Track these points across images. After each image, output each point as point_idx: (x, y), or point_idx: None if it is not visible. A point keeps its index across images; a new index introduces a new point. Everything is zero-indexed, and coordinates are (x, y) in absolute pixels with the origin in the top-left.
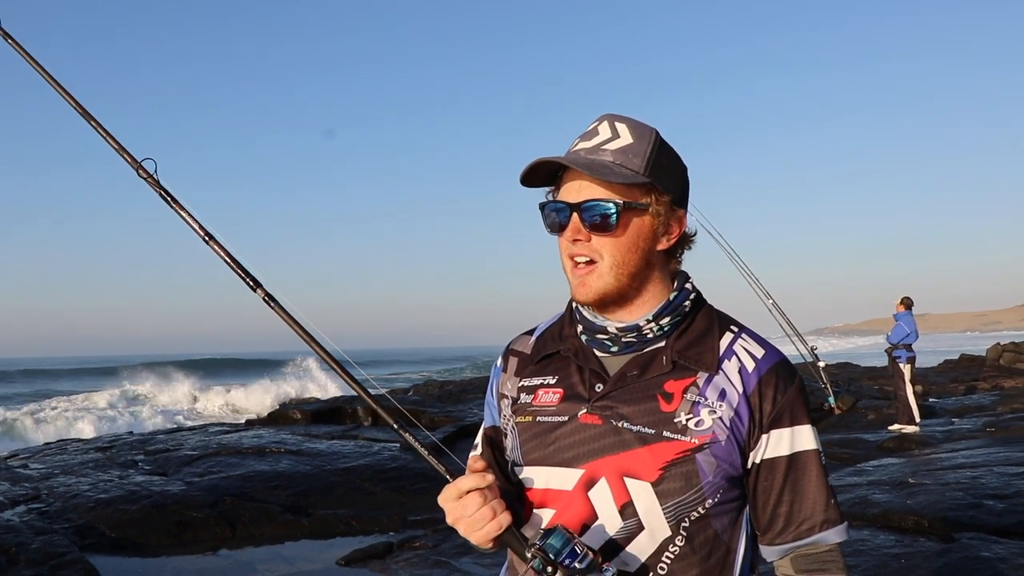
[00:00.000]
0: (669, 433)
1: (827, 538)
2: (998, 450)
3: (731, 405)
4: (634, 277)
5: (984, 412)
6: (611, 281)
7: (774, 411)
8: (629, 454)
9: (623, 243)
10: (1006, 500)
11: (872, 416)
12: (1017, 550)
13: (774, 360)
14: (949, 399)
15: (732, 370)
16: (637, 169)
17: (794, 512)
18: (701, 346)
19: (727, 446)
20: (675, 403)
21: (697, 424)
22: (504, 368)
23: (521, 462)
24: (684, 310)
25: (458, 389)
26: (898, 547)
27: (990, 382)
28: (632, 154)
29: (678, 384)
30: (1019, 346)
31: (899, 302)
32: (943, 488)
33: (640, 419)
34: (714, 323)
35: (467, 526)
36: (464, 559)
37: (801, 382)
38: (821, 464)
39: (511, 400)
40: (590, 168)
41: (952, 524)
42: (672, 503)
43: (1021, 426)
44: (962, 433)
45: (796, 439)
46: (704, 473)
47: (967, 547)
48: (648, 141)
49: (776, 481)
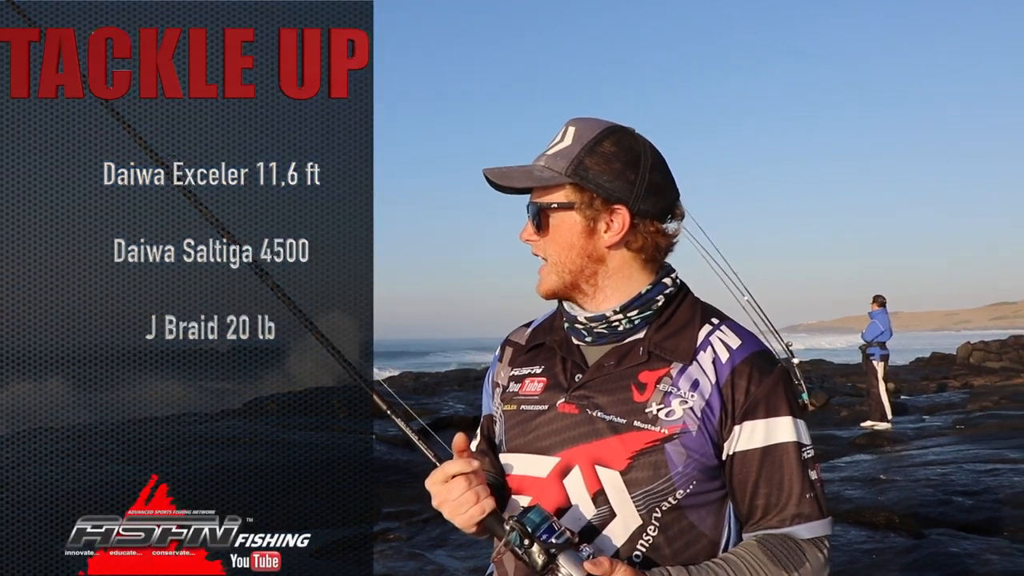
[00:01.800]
0: (639, 423)
1: (797, 533)
2: (967, 447)
3: (703, 395)
4: (578, 274)
5: (954, 410)
6: (554, 278)
7: (747, 402)
8: (601, 443)
9: (555, 241)
10: (974, 497)
11: (845, 413)
12: (984, 546)
13: (750, 351)
14: (920, 397)
15: (706, 361)
16: (560, 170)
17: (771, 504)
18: (679, 337)
19: (698, 437)
20: (647, 393)
21: (668, 414)
22: (500, 358)
23: (504, 449)
24: (656, 304)
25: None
26: (869, 543)
27: (960, 380)
28: (561, 156)
29: (652, 375)
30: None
31: (873, 300)
32: (914, 485)
33: (613, 409)
34: (696, 315)
35: (451, 509)
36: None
37: (783, 374)
38: (800, 457)
39: (502, 388)
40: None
41: (922, 520)
42: (641, 492)
43: (990, 424)
44: (933, 430)
45: (771, 431)
46: (673, 463)
47: (936, 543)
48: (583, 142)
49: (750, 473)
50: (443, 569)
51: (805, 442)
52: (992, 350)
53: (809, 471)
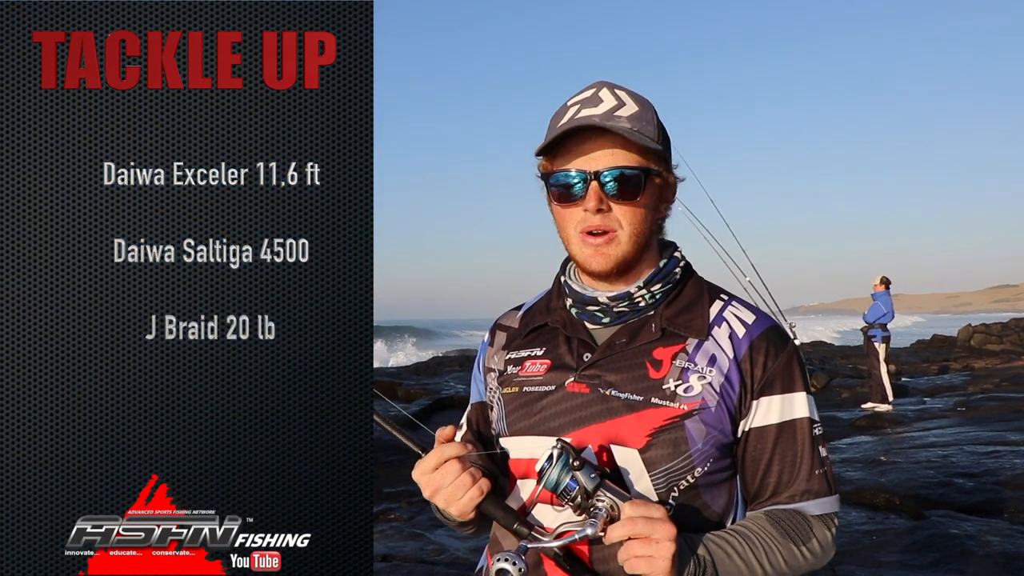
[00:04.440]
0: (657, 400)
1: (807, 509)
2: (968, 429)
3: (721, 371)
4: (645, 244)
5: (955, 392)
6: (630, 250)
7: (765, 377)
8: (616, 421)
9: (642, 211)
10: (975, 479)
11: (846, 395)
12: (985, 527)
13: (765, 325)
14: (921, 379)
15: (723, 336)
16: (652, 136)
17: (781, 482)
18: (691, 313)
19: (717, 412)
20: (664, 370)
21: (686, 390)
22: (491, 343)
23: (506, 432)
24: (675, 277)
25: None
26: (870, 524)
27: (961, 362)
28: (645, 121)
29: (667, 351)
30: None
31: (878, 281)
32: (914, 466)
33: (628, 386)
34: (704, 292)
35: (448, 496)
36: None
37: (795, 349)
38: (812, 433)
39: (497, 373)
40: (630, 133)
41: (922, 502)
42: (661, 470)
43: (991, 406)
44: (934, 412)
45: (787, 407)
46: (693, 440)
47: (937, 524)
48: (652, 110)
49: (765, 450)
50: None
51: (816, 419)
52: (993, 332)
53: (820, 448)
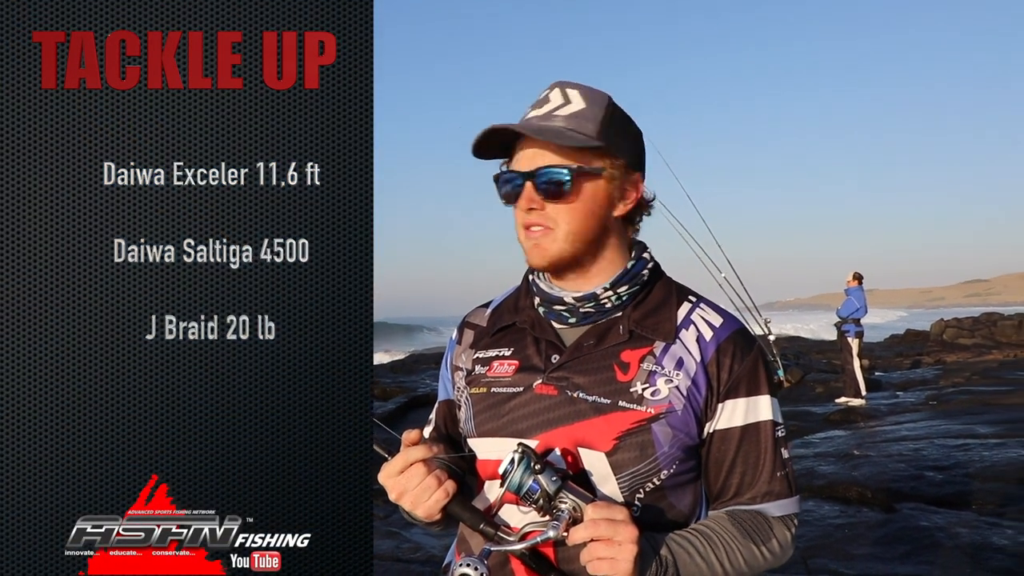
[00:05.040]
0: (625, 403)
1: (768, 510)
2: (939, 423)
3: (688, 374)
4: (590, 243)
5: (927, 386)
6: (566, 247)
7: (730, 380)
8: (584, 424)
9: (578, 209)
10: (945, 471)
11: (820, 389)
12: (954, 519)
13: (732, 329)
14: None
15: (690, 339)
16: (590, 133)
17: (744, 483)
18: (659, 315)
19: (683, 416)
20: (631, 373)
21: (653, 394)
22: (459, 341)
23: (474, 433)
24: (642, 279)
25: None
26: (842, 517)
27: (934, 357)
28: (584, 119)
29: (635, 354)
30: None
31: (851, 277)
32: (886, 460)
33: (596, 389)
34: (672, 293)
35: (414, 498)
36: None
37: (761, 352)
38: (775, 436)
39: (465, 372)
40: (540, 133)
41: (894, 495)
42: (626, 473)
43: (961, 400)
44: (906, 406)
45: (751, 409)
46: (659, 443)
47: (908, 517)
48: (601, 106)
49: (729, 452)
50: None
51: (779, 421)
52: (965, 327)
53: (782, 450)
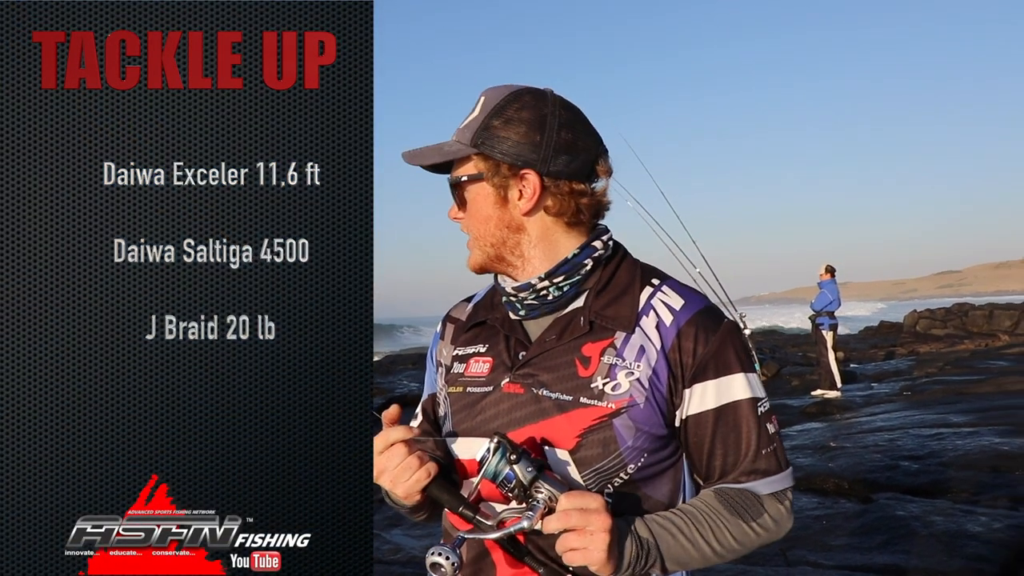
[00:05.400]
0: (586, 399)
1: (756, 488)
2: (913, 413)
3: (649, 363)
4: (500, 246)
5: (901, 376)
6: (478, 253)
7: (695, 364)
8: (548, 423)
9: (473, 216)
10: (920, 461)
11: (796, 382)
12: (929, 507)
13: (694, 310)
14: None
15: (650, 326)
16: (466, 142)
17: (727, 464)
18: (619, 304)
19: (646, 409)
20: (592, 367)
21: (614, 388)
22: (442, 335)
23: (453, 432)
24: (584, 268)
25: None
26: (820, 509)
27: (907, 348)
28: (468, 128)
29: (595, 347)
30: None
31: (824, 270)
32: (862, 451)
33: (558, 386)
34: (636, 278)
35: (393, 477)
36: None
37: (731, 328)
38: (756, 413)
39: (445, 369)
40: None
41: (870, 485)
42: (591, 471)
43: (935, 389)
44: (881, 397)
45: (723, 390)
46: (623, 439)
47: (884, 507)
48: (487, 110)
49: (705, 436)
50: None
51: (759, 395)
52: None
53: (766, 425)
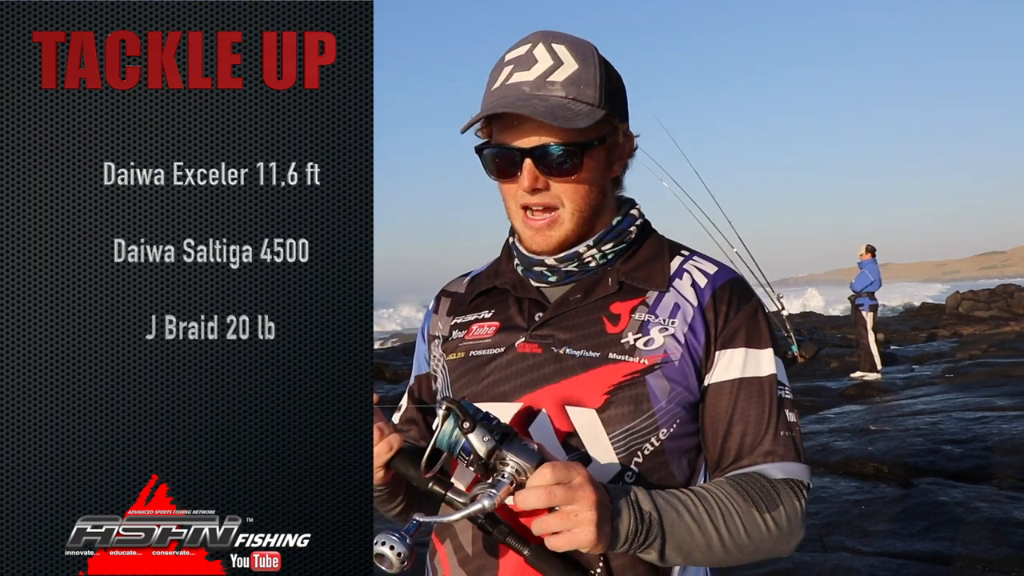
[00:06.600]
0: (615, 355)
1: (768, 471)
2: (956, 396)
3: (685, 319)
4: (593, 217)
5: (943, 359)
6: (572, 228)
7: (727, 328)
8: (571, 381)
9: (584, 186)
10: (963, 445)
11: (835, 364)
12: (973, 493)
13: (729, 276)
14: (910, 347)
15: (684, 286)
16: (592, 101)
17: (744, 445)
18: (650, 267)
19: (681, 366)
20: (622, 324)
21: (647, 344)
22: (435, 309)
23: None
24: (629, 236)
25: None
26: (859, 493)
27: (949, 329)
28: (583, 84)
29: (625, 305)
30: (978, 294)
31: (864, 250)
32: (903, 434)
33: (583, 343)
34: (664, 248)
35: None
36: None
37: (759, 305)
38: (777, 394)
39: (442, 339)
40: (554, 117)
41: (911, 469)
42: (621, 431)
43: (979, 372)
44: (922, 380)
45: (751, 362)
46: (656, 397)
47: (925, 492)
48: (594, 64)
49: (724, 408)
50: None
51: (783, 380)
52: (981, 299)
53: (786, 411)
